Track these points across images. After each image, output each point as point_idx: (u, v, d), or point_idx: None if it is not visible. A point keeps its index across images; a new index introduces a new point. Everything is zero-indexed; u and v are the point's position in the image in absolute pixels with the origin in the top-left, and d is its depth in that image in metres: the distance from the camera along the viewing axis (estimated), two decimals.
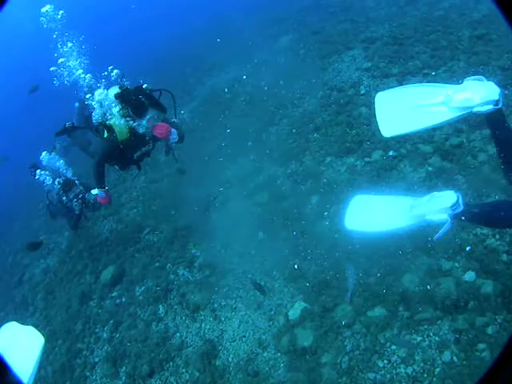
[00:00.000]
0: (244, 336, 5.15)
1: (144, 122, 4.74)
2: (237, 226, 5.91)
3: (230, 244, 5.79)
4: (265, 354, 4.90)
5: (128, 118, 4.74)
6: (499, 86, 2.61)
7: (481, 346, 4.10)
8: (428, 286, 4.71)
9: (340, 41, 7.98)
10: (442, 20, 7.87)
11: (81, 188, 6.72)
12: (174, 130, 4.93)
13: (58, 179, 6.76)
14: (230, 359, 5.05)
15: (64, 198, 6.72)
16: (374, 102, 6.54)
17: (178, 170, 6.05)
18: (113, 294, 6.28)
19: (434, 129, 6.18)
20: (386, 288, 4.82)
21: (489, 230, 5.16)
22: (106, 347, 5.81)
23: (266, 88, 7.53)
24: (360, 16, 8.67)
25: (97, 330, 6.07)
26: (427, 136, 6.10)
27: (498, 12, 1.19)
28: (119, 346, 5.63)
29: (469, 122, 6.17)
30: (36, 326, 6.77)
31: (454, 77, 6.77)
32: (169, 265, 6.04)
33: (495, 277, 4.57)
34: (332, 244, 5.25)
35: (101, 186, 5.30)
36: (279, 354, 4.81)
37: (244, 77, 8.18)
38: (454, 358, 4.14)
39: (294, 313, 4.97)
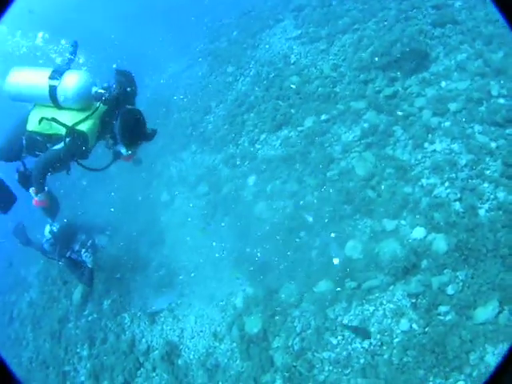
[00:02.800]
0: (201, 331, 5.12)
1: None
2: (184, 222, 5.88)
3: (179, 241, 5.77)
4: (222, 347, 4.86)
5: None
6: None
7: (442, 308, 3.85)
8: (372, 251, 4.46)
9: (270, 15, 7.74)
10: None
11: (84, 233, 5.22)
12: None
13: (49, 228, 5.04)
14: (191, 356, 5.03)
15: (67, 252, 5.15)
16: (304, 69, 6.32)
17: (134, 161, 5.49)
18: (85, 312, 6.36)
19: (367, 82, 5.86)
20: (327, 260, 4.62)
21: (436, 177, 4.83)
22: (87, 365, 5.90)
23: (200, 78, 7.42)
24: None
25: (78, 350, 6.16)
26: (359, 91, 5.81)
27: None
28: (97, 362, 5.73)
29: (402, 68, 5.85)
30: (30, 358, 6.94)
31: (385, 27, 6.42)
32: (128, 273, 6.06)
33: (448, 229, 4.25)
34: (271, 224, 5.11)
35: (42, 189, 4.01)
36: (235, 345, 4.74)
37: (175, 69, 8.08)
38: (414, 325, 3.89)
39: (240, 300, 4.88)
